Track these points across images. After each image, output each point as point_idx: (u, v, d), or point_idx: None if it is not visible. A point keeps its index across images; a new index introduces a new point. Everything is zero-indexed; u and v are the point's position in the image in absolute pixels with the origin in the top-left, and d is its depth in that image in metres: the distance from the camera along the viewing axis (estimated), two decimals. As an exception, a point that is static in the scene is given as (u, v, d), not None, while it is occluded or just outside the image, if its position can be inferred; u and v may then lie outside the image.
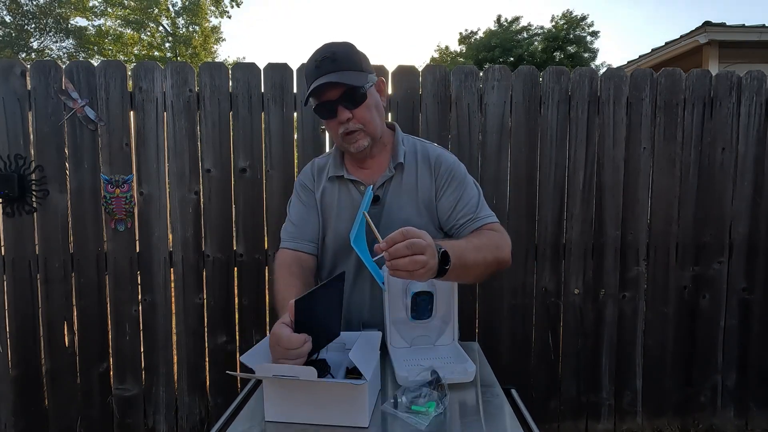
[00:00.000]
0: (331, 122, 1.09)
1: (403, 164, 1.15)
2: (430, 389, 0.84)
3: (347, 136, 1.09)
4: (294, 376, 0.75)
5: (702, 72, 1.99)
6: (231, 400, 0.95)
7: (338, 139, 1.11)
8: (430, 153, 1.19)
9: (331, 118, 1.08)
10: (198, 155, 1.87)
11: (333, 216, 1.16)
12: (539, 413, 2.02)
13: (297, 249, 1.18)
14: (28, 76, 1.79)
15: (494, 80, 1.93)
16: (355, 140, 1.09)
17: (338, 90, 1.04)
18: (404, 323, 1.07)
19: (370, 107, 1.09)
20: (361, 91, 1.06)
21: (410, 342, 1.07)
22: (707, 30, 5.50)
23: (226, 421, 0.85)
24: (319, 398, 0.78)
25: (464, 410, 0.87)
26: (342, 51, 1.06)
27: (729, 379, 2.08)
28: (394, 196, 1.15)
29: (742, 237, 2.03)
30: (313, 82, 1.05)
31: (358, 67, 1.07)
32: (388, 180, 1.15)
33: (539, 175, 1.96)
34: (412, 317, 1.02)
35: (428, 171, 1.16)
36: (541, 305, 2.01)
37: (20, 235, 1.81)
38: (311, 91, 1.05)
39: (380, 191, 1.14)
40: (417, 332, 1.07)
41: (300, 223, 1.19)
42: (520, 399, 0.97)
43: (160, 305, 1.89)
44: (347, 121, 1.07)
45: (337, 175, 1.17)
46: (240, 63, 1.88)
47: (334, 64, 1.03)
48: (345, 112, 1.06)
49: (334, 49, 1.06)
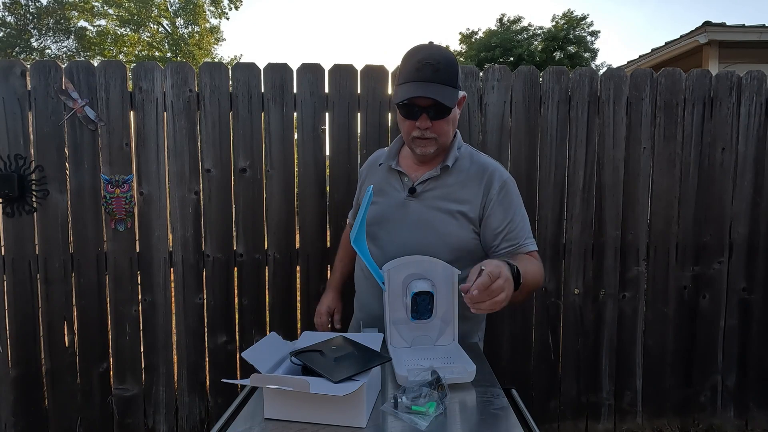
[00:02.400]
0: (409, 122, 1.13)
1: (450, 167, 1.19)
2: (430, 389, 0.84)
3: (419, 140, 1.13)
4: (288, 388, 0.76)
5: (702, 72, 1.99)
6: (231, 400, 0.95)
7: (407, 138, 1.16)
8: (485, 165, 1.21)
9: (412, 119, 1.12)
10: (198, 155, 1.87)
11: (377, 201, 1.22)
12: (539, 413, 2.02)
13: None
14: (28, 76, 1.79)
15: (494, 80, 1.93)
16: (425, 146, 1.14)
17: (429, 100, 1.07)
18: (404, 323, 1.07)
19: (449, 121, 1.14)
20: (449, 108, 1.09)
21: (410, 342, 1.07)
22: (707, 30, 5.50)
23: (226, 421, 0.85)
24: (317, 398, 0.78)
25: (464, 410, 0.87)
26: (445, 63, 1.07)
27: (729, 379, 2.08)
28: (432, 194, 1.19)
29: (742, 237, 2.03)
30: (410, 82, 1.07)
31: (454, 83, 1.10)
32: (432, 178, 1.19)
33: (539, 175, 1.96)
34: (413, 317, 1.03)
35: (479, 182, 1.18)
36: (541, 305, 2.01)
37: (20, 235, 1.81)
38: (406, 93, 1.07)
39: (420, 186, 1.19)
40: (417, 332, 1.07)
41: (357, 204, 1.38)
42: (520, 399, 0.97)
43: (160, 305, 1.89)
44: (426, 129, 1.11)
45: (387, 164, 1.25)
46: (240, 63, 1.88)
47: (436, 75, 1.06)
48: (427, 122, 1.10)
49: (439, 59, 1.07)
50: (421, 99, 1.07)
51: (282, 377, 0.79)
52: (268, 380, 0.78)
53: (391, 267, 1.06)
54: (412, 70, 1.07)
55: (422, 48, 1.11)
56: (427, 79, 1.06)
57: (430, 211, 1.17)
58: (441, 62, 1.07)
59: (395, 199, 1.21)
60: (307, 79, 1.88)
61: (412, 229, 1.17)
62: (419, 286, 1.01)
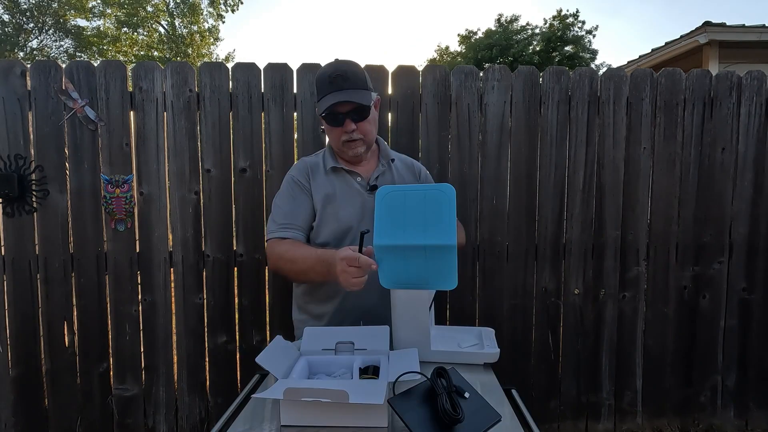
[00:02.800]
0: (336, 129, 1.29)
1: (395, 161, 1.42)
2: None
3: (348, 143, 1.30)
4: (325, 400, 0.73)
5: (702, 72, 1.99)
6: (231, 400, 0.95)
7: (338, 143, 1.32)
8: (409, 161, 1.49)
9: (338, 126, 1.28)
10: (198, 155, 1.87)
11: (334, 203, 1.32)
12: (539, 413, 2.02)
13: (289, 238, 1.30)
14: (28, 76, 1.79)
15: (494, 80, 1.93)
16: (355, 147, 1.30)
17: (349, 105, 1.24)
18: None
19: (371, 122, 1.31)
20: (368, 108, 1.27)
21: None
22: (707, 30, 5.50)
23: (226, 421, 0.85)
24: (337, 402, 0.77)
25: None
26: (352, 71, 1.27)
27: (729, 379, 2.08)
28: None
29: (742, 237, 2.03)
30: (327, 94, 1.25)
31: (365, 86, 1.28)
32: (381, 174, 1.37)
33: (539, 175, 1.96)
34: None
35: (412, 174, 1.45)
36: (541, 305, 2.01)
37: (20, 235, 1.81)
38: (327, 103, 1.23)
39: (376, 182, 1.35)
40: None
41: (291, 214, 1.32)
42: (520, 399, 0.97)
43: (160, 305, 1.89)
44: (352, 132, 1.27)
45: (337, 167, 1.35)
46: (240, 63, 1.87)
47: (347, 82, 1.24)
48: (351, 124, 1.27)
49: (345, 68, 1.26)
50: (340, 106, 1.23)
51: (317, 389, 0.76)
52: (301, 393, 0.75)
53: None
54: (326, 84, 1.25)
55: (329, 65, 1.29)
56: (341, 88, 1.23)
57: None
58: (348, 72, 1.25)
59: (358, 200, 1.33)
60: (307, 79, 1.87)
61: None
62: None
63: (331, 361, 0.96)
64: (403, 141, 1.92)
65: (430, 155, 1.93)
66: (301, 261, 1.21)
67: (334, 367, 0.95)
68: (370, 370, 0.94)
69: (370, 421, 0.77)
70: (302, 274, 1.24)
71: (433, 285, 0.97)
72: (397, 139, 1.91)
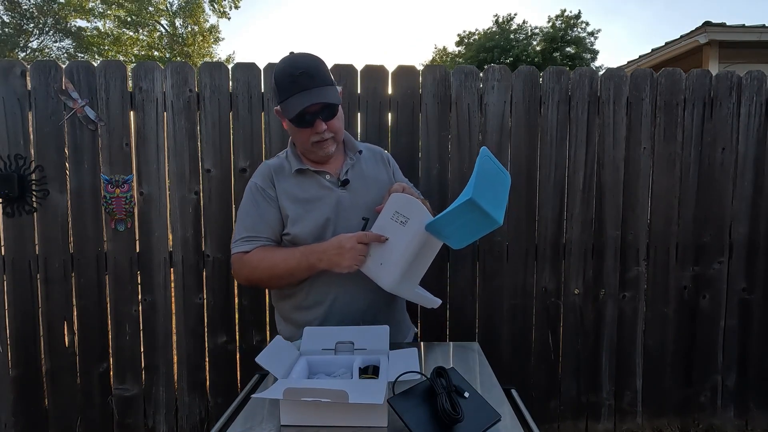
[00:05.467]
0: (305, 131, 1.20)
1: (362, 152, 1.34)
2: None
3: (319, 143, 1.21)
4: (325, 400, 0.73)
5: (702, 72, 1.99)
6: (231, 400, 0.95)
7: (306, 144, 1.22)
8: (377, 150, 1.42)
9: (307, 127, 1.18)
10: (198, 155, 1.87)
11: (306, 206, 1.23)
12: (539, 413, 2.02)
13: (259, 247, 1.23)
14: (28, 76, 1.79)
15: (494, 80, 1.93)
16: (326, 147, 1.22)
17: (318, 105, 1.14)
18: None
19: (340, 118, 1.23)
20: (337, 106, 1.19)
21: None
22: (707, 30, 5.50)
23: (226, 421, 0.85)
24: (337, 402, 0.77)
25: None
26: (314, 66, 1.16)
27: (729, 379, 2.08)
28: (359, 180, 1.28)
29: (742, 237, 2.03)
30: (292, 95, 1.13)
31: (330, 81, 1.18)
32: (351, 167, 1.29)
33: (539, 175, 1.96)
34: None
35: (382, 161, 1.39)
36: (541, 305, 2.01)
37: (20, 235, 1.81)
38: (297, 106, 1.12)
39: (347, 176, 1.27)
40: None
41: (256, 226, 1.24)
42: (520, 399, 0.97)
43: (160, 305, 1.89)
44: (323, 132, 1.18)
45: (303, 168, 1.26)
46: (240, 63, 1.87)
47: (312, 81, 1.14)
48: (322, 125, 1.17)
49: (308, 64, 1.15)
50: (311, 106, 1.13)
51: (317, 389, 0.76)
52: (301, 393, 0.75)
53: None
54: (290, 84, 1.14)
55: (288, 60, 1.18)
56: (307, 87, 1.13)
57: (365, 196, 1.26)
58: (311, 68, 1.15)
59: (331, 197, 1.24)
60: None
61: (367, 214, 1.21)
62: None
63: (330, 361, 0.96)
64: (403, 141, 1.92)
65: (430, 155, 1.93)
66: (282, 262, 1.17)
67: (333, 367, 0.95)
68: (370, 369, 0.94)
69: (369, 421, 0.77)
70: (287, 274, 1.19)
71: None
72: (397, 139, 1.91)
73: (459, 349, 1.21)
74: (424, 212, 1.08)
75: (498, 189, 1.04)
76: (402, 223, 1.09)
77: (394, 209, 1.11)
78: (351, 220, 1.22)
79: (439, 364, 0.91)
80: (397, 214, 1.10)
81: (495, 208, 0.97)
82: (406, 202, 1.10)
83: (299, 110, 1.12)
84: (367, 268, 1.13)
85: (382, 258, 1.11)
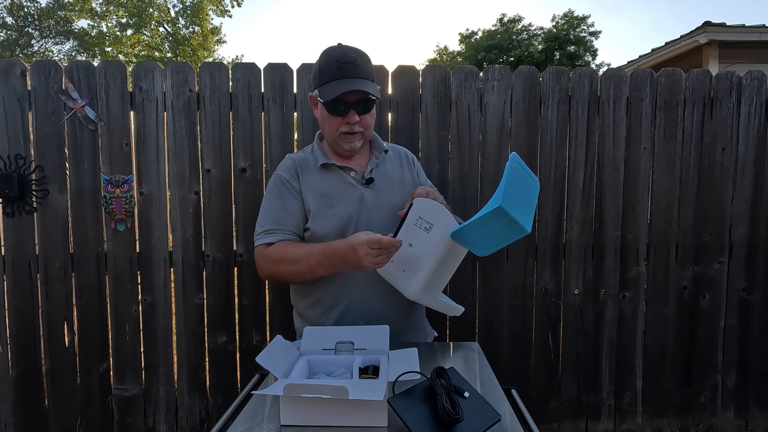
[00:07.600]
0: (336, 119, 1.19)
1: (388, 151, 1.34)
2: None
3: (347, 135, 1.20)
4: (325, 396, 0.73)
5: (702, 72, 1.99)
6: (231, 400, 0.95)
7: (334, 134, 1.21)
8: (399, 149, 1.43)
9: (339, 116, 1.17)
10: (198, 155, 1.87)
11: (330, 201, 1.23)
12: (539, 413, 2.02)
13: (282, 240, 1.22)
14: (28, 76, 1.79)
15: (494, 80, 1.93)
16: (353, 141, 1.21)
17: (357, 95, 1.15)
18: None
19: (373, 116, 1.23)
20: (374, 102, 1.18)
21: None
22: (707, 30, 5.50)
23: (226, 421, 0.85)
24: (337, 401, 0.76)
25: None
26: (362, 59, 1.17)
27: (729, 379, 2.08)
28: (383, 179, 1.28)
29: (742, 237, 2.03)
30: (333, 80, 1.13)
31: (373, 78, 1.19)
32: (375, 166, 1.29)
33: (539, 175, 1.96)
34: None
35: (407, 162, 1.38)
36: (541, 305, 2.01)
37: (20, 235, 1.81)
38: (336, 90, 1.12)
39: (371, 175, 1.28)
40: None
41: (280, 218, 1.23)
42: (520, 399, 0.97)
43: (160, 305, 1.89)
44: (354, 124, 1.18)
45: (328, 163, 1.25)
46: (240, 63, 1.88)
47: (357, 71, 1.14)
48: (355, 116, 1.17)
49: (355, 56, 1.16)
50: (348, 95, 1.13)
51: (317, 386, 0.76)
52: (301, 389, 0.75)
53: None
54: (334, 69, 1.14)
55: (336, 48, 1.19)
56: (351, 76, 1.13)
57: (389, 195, 1.26)
58: (358, 59, 1.15)
59: (355, 194, 1.24)
60: (308, 79, 1.87)
61: (389, 214, 1.22)
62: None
63: (330, 361, 0.96)
64: (403, 141, 1.91)
65: (430, 155, 1.93)
66: (304, 259, 1.15)
67: (333, 366, 0.95)
68: (370, 369, 0.94)
69: (369, 421, 0.77)
70: (309, 272, 1.16)
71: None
72: (397, 139, 1.91)
73: (459, 349, 1.21)
74: (449, 219, 1.06)
75: (527, 196, 1.02)
76: (426, 230, 1.06)
77: (418, 215, 1.07)
78: (373, 219, 1.21)
79: (439, 364, 0.91)
80: (420, 219, 1.07)
81: (523, 215, 0.95)
82: (430, 208, 1.07)
83: (338, 94, 1.11)
84: (390, 275, 1.11)
85: (405, 265, 1.08)
